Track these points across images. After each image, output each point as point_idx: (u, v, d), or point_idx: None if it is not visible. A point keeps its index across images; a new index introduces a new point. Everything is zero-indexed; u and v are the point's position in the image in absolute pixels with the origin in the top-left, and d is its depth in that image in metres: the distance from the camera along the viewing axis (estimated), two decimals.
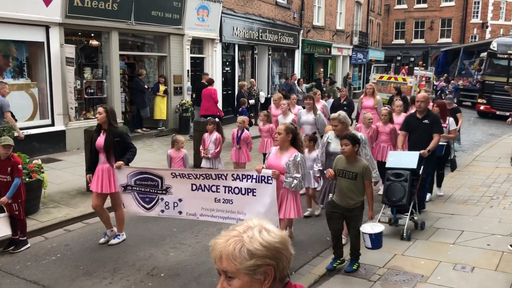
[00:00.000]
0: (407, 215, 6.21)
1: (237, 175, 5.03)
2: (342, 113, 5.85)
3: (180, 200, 5.27)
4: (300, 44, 23.01)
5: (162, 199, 5.34)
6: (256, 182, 4.97)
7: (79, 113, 11.84)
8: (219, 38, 16.31)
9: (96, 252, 5.79)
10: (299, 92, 17.88)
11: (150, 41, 14.73)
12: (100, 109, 5.85)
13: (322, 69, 26.43)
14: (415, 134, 6.95)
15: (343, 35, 28.64)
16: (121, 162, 5.54)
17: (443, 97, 14.46)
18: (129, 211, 5.77)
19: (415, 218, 6.42)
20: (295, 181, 4.92)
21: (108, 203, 6.13)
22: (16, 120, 8.70)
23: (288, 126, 5.19)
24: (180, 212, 5.33)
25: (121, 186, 5.56)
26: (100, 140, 5.77)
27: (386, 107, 9.25)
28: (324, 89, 20.41)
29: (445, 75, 30.30)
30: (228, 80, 17.62)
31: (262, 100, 17.35)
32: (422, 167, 6.51)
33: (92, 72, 12.52)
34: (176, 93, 14.66)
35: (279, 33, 20.71)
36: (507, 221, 6.70)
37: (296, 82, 18.96)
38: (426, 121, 6.86)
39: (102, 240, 6.09)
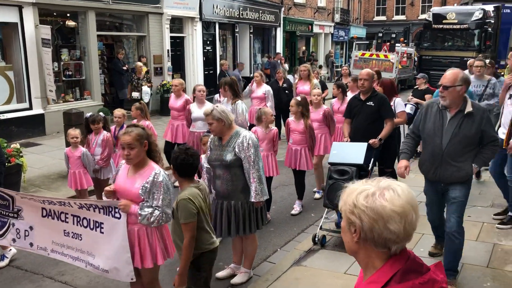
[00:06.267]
0: None
1: (80, 203, 3.73)
2: (217, 108, 4.08)
3: (31, 228, 4.12)
4: (282, 22, 22.81)
5: (13, 224, 4.21)
6: (103, 213, 3.56)
7: (57, 96, 11.60)
8: (199, 16, 16.06)
9: None
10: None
11: (128, 21, 14.42)
12: None
13: (304, 47, 26.32)
14: (357, 119, 5.94)
15: (324, 12, 28.47)
16: None
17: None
18: None
19: None
20: (156, 213, 3.30)
21: None
22: None
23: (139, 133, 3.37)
24: (31, 244, 4.16)
25: None
26: None
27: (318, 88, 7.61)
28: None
29: None
30: (209, 60, 17.42)
31: (146, 99, 11.73)
32: (372, 160, 5.50)
33: (70, 53, 12.25)
34: (157, 73, 14.44)
35: (260, 11, 20.49)
36: (487, 193, 6.83)
37: (279, 61, 18.84)
38: (370, 103, 5.83)
39: None
